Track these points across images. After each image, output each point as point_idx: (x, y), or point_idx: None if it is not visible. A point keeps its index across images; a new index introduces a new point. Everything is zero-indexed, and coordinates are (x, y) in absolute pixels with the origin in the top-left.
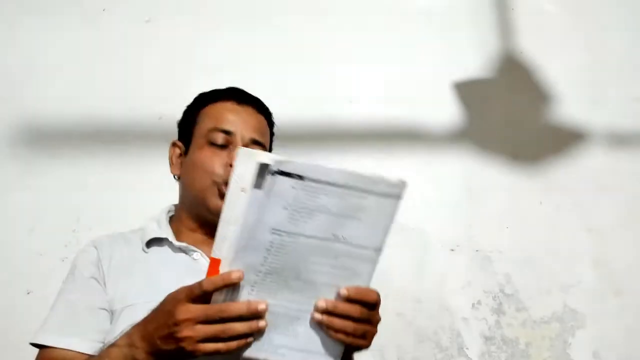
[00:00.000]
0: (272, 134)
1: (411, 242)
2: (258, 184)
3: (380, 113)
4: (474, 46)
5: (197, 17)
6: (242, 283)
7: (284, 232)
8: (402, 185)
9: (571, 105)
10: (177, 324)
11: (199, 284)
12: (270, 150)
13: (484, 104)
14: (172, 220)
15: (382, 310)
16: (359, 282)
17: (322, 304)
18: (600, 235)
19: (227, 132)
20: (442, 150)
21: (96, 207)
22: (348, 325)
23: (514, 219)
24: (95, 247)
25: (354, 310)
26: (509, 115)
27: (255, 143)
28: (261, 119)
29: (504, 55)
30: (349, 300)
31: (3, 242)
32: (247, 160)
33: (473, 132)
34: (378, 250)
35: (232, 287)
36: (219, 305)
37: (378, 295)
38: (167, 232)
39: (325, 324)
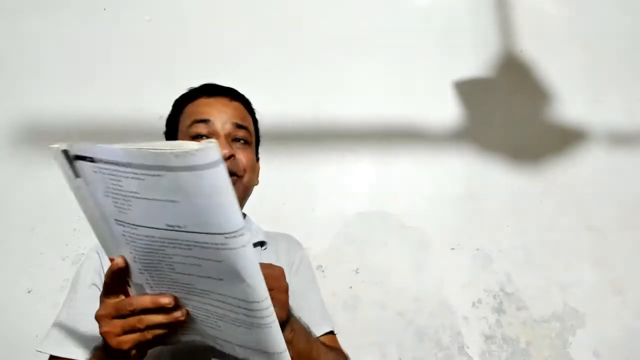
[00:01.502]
0: (255, 121)
1: (411, 241)
2: (76, 173)
3: (380, 113)
4: (474, 46)
5: (198, 16)
6: (140, 280)
7: (122, 222)
8: (199, 152)
9: (571, 105)
10: (98, 320)
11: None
12: (258, 137)
13: (484, 104)
14: None
15: (383, 309)
16: (232, 275)
17: None
18: (600, 234)
19: (204, 121)
20: (442, 149)
21: None
22: None
23: (514, 218)
24: (98, 253)
25: None
26: (509, 115)
27: (238, 127)
28: (237, 105)
29: (504, 55)
30: None
31: (4, 241)
32: (55, 154)
33: (473, 132)
34: (231, 235)
35: (136, 283)
36: (128, 298)
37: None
38: None
39: None
